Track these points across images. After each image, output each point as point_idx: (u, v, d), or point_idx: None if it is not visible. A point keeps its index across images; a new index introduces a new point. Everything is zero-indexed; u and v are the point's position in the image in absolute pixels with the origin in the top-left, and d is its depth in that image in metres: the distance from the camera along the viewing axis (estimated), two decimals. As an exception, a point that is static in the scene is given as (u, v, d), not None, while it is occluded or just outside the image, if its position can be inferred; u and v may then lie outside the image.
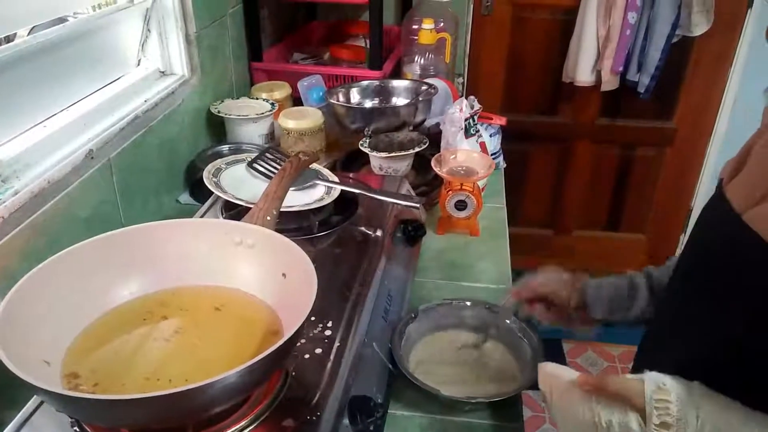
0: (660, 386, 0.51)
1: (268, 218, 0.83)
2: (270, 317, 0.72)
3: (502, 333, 0.94)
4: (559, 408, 0.59)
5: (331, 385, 0.71)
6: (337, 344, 0.77)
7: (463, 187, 1.20)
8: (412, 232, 1.09)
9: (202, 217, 1.03)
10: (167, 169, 1.26)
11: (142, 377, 0.64)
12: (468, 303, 0.99)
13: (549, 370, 0.62)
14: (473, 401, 0.84)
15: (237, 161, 1.12)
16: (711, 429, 0.47)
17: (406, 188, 1.20)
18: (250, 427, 0.64)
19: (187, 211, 1.25)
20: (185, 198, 1.31)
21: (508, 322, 0.94)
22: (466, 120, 1.30)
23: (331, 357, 0.75)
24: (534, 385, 0.71)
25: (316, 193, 1.07)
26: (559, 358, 2.25)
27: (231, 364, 0.55)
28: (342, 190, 1.07)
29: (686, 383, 0.51)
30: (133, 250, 0.76)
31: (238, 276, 0.76)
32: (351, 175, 1.23)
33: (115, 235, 0.75)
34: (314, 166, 1.11)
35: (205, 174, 1.04)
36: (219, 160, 1.11)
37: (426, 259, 1.18)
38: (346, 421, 0.70)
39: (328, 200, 1.04)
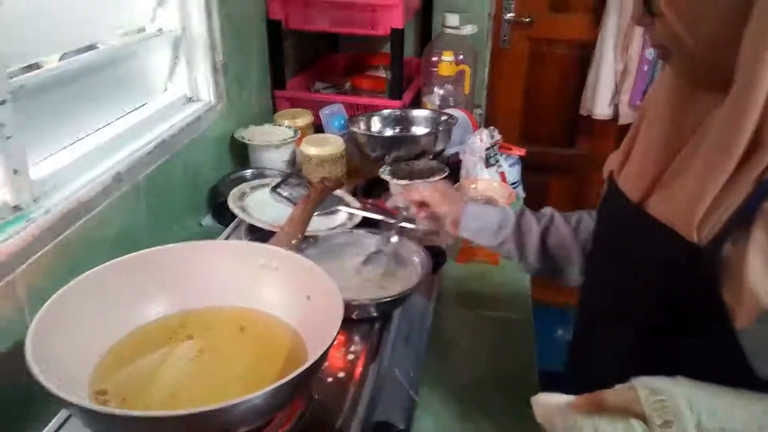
0: (652, 389, 0.54)
1: (293, 242, 0.84)
2: (294, 339, 0.72)
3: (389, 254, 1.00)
4: None
5: (353, 409, 0.71)
6: (360, 369, 0.77)
7: (484, 216, 1.20)
8: (433, 260, 1.09)
9: (226, 239, 1.04)
10: (191, 193, 1.27)
11: (167, 395, 0.65)
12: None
13: (542, 401, 0.62)
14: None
15: (261, 185, 1.14)
16: (707, 415, 0.51)
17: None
18: (273, 450, 0.64)
19: (210, 234, 1.26)
20: (207, 221, 1.33)
21: (393, 241, 1.00)
22: (486, 150, 1.32)
23: (354, 381, 0.75)
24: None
25: (338, 219, 1.08)
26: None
27: (255, 385, 0.55)
28: (363, 217, 1.08)
29: (671, 380, 0.54)
30: (160, 270, 0.77)
31: (262, 298, 0.77)
32: (370, 201, 1.24)
33: (142, 256, 0.76)
34: (337, 192, 1.13)
35: (230, 197, 1.06)
36: (244, 184, 1.13)
37: (446, 286, 1.18)
38: (368, 446, 0.70)
39: (350, 225, 1.05)
